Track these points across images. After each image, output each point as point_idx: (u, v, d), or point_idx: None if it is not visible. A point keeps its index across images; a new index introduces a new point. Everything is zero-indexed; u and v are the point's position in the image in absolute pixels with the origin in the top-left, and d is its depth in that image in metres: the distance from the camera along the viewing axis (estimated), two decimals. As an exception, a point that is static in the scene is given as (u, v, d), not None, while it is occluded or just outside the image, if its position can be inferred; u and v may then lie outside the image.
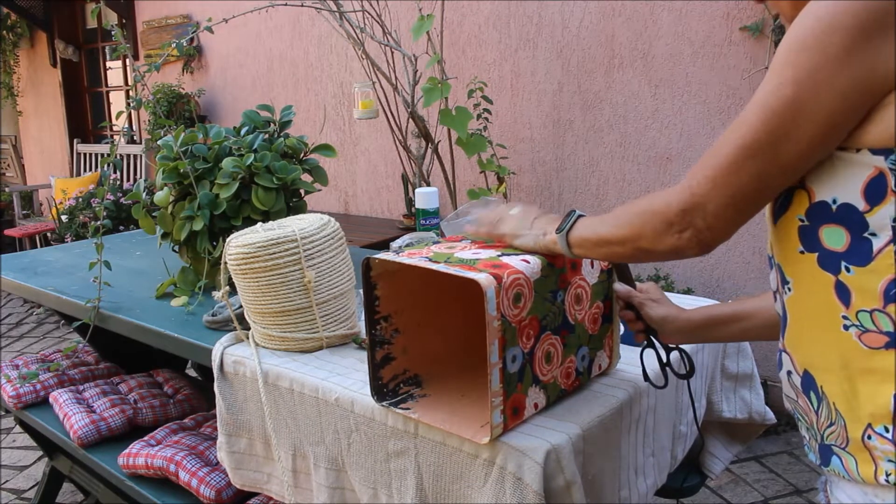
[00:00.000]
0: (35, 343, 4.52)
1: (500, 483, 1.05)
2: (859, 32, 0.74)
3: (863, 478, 0.80)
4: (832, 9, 0.75)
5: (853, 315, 0.80)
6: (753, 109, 0.81)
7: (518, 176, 3.62)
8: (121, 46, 1.79)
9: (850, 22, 0.74)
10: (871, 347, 0.79)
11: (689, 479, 1.56)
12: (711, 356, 1.49)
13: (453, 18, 3.71)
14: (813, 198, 0.81)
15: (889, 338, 0.78)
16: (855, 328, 0.80)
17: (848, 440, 0.82)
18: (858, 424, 0.80)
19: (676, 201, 0.86)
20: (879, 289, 0.77)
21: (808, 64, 0.76)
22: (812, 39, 0.75)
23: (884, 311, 0.77)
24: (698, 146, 3.06)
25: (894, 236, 0.76)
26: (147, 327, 1.68)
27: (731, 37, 2.90)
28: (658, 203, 0.89)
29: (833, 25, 0.74)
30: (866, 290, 0.78)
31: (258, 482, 1.47)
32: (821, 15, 0.75)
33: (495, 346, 0.99)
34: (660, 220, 0.88)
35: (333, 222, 1.49)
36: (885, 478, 0.78)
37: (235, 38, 4.95)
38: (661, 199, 0.89)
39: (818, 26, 0.75)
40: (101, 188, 1.83)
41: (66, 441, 2.07)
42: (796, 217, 0.83)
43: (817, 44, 0.75)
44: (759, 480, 2.67)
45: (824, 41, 0.75)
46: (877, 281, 0.78)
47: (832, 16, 0.75)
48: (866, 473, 0.80)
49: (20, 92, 7.19)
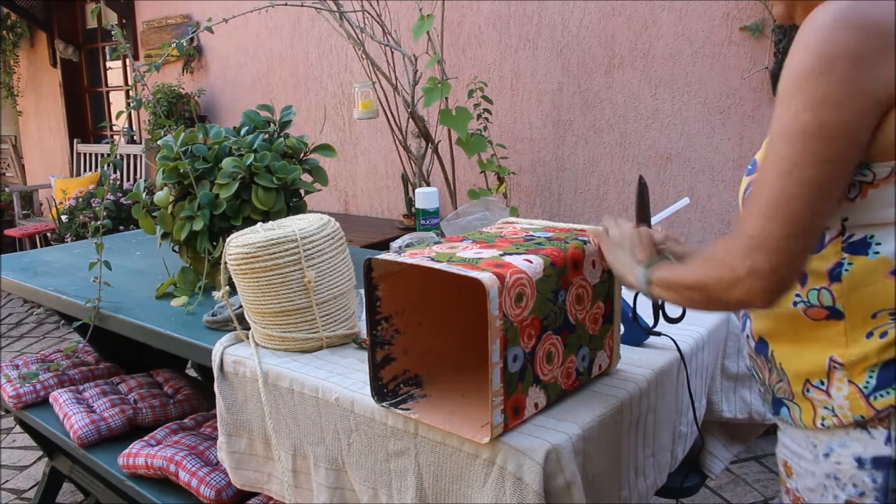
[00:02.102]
0: (35, 343, 4.52)
1: (500, 483, 1.05)
2: (861, 57, 0.81)
3: (804, 423, 0.97)
4: (833, 36, 0.82)
5: (805, 293, 0.95)
6: (780, 143, 0.85)
7: (518, 176, 3.62)
8: (121, 46, 1.79)
9: (852, 46, 0.81)
10: (814, 319, 0.95)
11: (689, 479, 1.56)
12: (711, 356, 1.50)
13: (453, 18, 3.71)
14: None
15: (829, 311, 0.94)
16: (802, 304, 0.96)
17: (792, 394, 0.99)
18: (798, 381, 0.98)
19: (737, 249, 0.87)
20: (825, 270, 0.93)
21: (817, 91, 0.82)
22: (818, 66, 0.82)
23: (828, 289, 0.93)
24: (698, 146, 3.06)
25: (842, 230, 0.92)
26: (147, 327, 1.68)
27: (731, 37, 2.90)
28: (721, 251, 0.90)
29: (834, 54, 0.81)
30: (817, 272, 0.94)
31: (258, 482, 1.47)
32: (820, 42, 0.82)
33: (497, 346, 0.99)
34: (726, 269, 0.88)
35: (333, 222, 1.49)
36: (822, 422, 0.95)
37: (235, 38, 4.95)
38: (722, 248, 0.90)
39: (821, 54, 0.82)
40: (101, 188, 1.83)
41: (66, 441, 2.06)
42: None
43: (823, 70, 0.81)
44: (759, 480, 2.67)
45: (829, 67, 0.81)
46: (824, 265, 0.93)
47: (833, 45, 0.81)
48: (807, 420, 0.97)
49: (20, 92, 7.19)
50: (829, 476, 0.95)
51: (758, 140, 2.90)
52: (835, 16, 0.82)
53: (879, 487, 0.90)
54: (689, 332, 1.43)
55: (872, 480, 0.90)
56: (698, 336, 1.43)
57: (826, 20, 0.83)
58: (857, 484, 0.92)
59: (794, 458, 1.01)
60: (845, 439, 0.93)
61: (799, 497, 1.01)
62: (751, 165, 1.04)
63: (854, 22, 0.82)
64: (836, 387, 0.93)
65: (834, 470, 0.94)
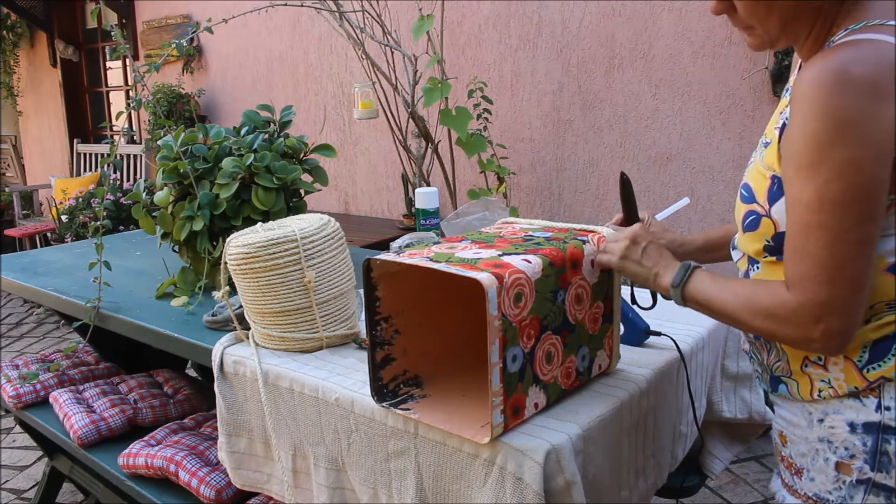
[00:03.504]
0: (35, 343, 4.52)
1: (500, 483, 1.05)
2: (869, 115, 0.86)
3: (801, 396, 1.05)
4: (840, 101, 0.87)
5: None
6: (819, 215, 0.90)
7: (518, 176, 3.62)
8: (121, 47, 1.79)
9: (861, 106, 0.86)
10: None
11: (689, 479, 1.56)
12: (711, 356, 1.50)
13: (453, 18, 3.71)
14: (777, 228, 1.00)
15: None
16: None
17: (790, 371, 1.06)
18: (797, 359, 1.05)
19: (807, 314, 0.93)
20: None
21: (841, 157, 0.87)
22: (835, 134, 0.87)
23: None
24: (698, 146, 3.06)
25: None
26: (147, 327, 1.68)
27: (731, 37, 2.90)
28: (788, 312, 0.95)
29: (846, 119, 0.87)
30: None
31: (258, 482, 1.48)
32: (829, 108, 0.87)
33: (496, 346, 0.99)
34: (799, 330, 0.95)
35: (333, 222, 1.49)
36: (818, 393, 1.02)
37: (235, 38, 4.95)
38: (789, 309, 0.95)
39: (834, 120, 0.87)
40: (101, 188, 1.83)
41: (66, 441, 2.06)
42: (763, 238, 1.03)
43: (840, 136, 0.87)
44: (759, 480, 2.67)
45: (845, 132, 0.87)
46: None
47: (842, 110, 0.87)
48: (804, 392, 1.04)
49: (20, 92, 7.19)
50: (821, 440, 1.03)
51: (758, 140, 2.89)
52: (834, 80, 0.87)
53: (868, 450, 0.98)
54: (689, 332, 1.43)
55: (863, 444, 0.98)
56: (698, 336, 1.43)
57: (827, 83, 0.88)
58: (849, 447, 0.99)
59: (789, 427, 1.09)
60: (839, 407, 1.00)
61: (792, 462, 1.09)
62: (745, 192, 1.06)
63: (854, 84, 0.87)
64: (833, 361, 1.00)
65: (827, 434, 1.02)
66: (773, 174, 1.01)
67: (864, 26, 0.93)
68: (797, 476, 1.07)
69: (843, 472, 1.00)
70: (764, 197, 1.02)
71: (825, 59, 0.89)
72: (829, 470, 1.02)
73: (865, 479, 0.98)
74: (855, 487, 0.99)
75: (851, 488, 0.99)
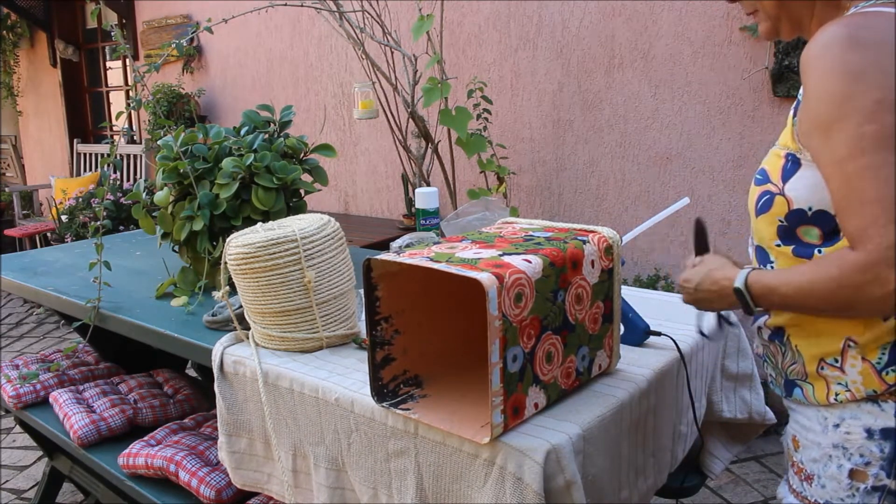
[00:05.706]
0: (35, 343, 4.52)
1: (500, 483, 1.05)
2: (881, 64, 0.88)
3: (817, 400, 1.03)
4: (849, 56, 0.89)
5: None
6: (861, 160, 0.88)
7: (518, 176, 3.62)
8: (121, 47, 1.79)
9: (870, 58, 0.88)
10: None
11: (689, 479, 1.56)
12: (711, 356, 1.50)
13: (453, 18, 3.71)
14: (791, 206, 1.00)
15: None
16: None
17: (806, 374, 1.05)
18: (813, 361, 1.03)
19: (878, 261, 0.86)
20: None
21: (865, 103, 0.87)
22: (853, 84, 0.88)
23: None
24: (698, 146, 3.06)
25: None
26: (147, 327, 1.68)
27: (731, 37, 2.90)
28: (852, 273, 0.88)
29: (860, 69, 0.88)
30: None
31: (258, 482, 1.48)
32: (841, 64, 0.89)
33: (496, 346, 0.99)
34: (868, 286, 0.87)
35: (333, 222, 1.49)
36: (835, 397, 1.00)
37: (235, 38, 4.95)
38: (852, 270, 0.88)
39: (848, 73, 0.88)
40: (101, 188, 1.83)
41: (66, 441, 2.06)
42: (776, 218, 1.02)
43: (859, 85, 0.87)
44: (759, 480, 2.67)
45: (862, 79, 0.88)
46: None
47: (854, 63, 0.88)
48: (820, 396, 1.03)
49: (20, 92, 7.19)
50: (836, 446, 1.01)
51: (758, 140, 2.90)
52: (845, 40, 0.88)
53: (886, 457, 0.96)
54: (689, 332, 1.43)
55: (880, 450, 0.97)
56: (698, 336, 1.43)
57: (837, 44, 0.89)
58: (864, 454, 0.98)
59: (802, 431, 1.08)
60: (856, 412, 0.99)
61: (802, 468, 1.07)
62: (760, 175, 1.06)
63: (864, 42, 0.88)
64: (850, 363, 0.99)
65: (842, 440, 1.00)
66: (788, 152, 1.01)
67: (874, 3, 0.95)
68: (807, 482, 1.06)
69: (857, 480, 0.99)
70: (778, 175, 1.02)
71: (834, 25, 0.90)
72: (841, 477, 1.00)
73: (881, 486, 0.97)
74: (870, 494, 0.98)
75: (866, 495, 0.99)
